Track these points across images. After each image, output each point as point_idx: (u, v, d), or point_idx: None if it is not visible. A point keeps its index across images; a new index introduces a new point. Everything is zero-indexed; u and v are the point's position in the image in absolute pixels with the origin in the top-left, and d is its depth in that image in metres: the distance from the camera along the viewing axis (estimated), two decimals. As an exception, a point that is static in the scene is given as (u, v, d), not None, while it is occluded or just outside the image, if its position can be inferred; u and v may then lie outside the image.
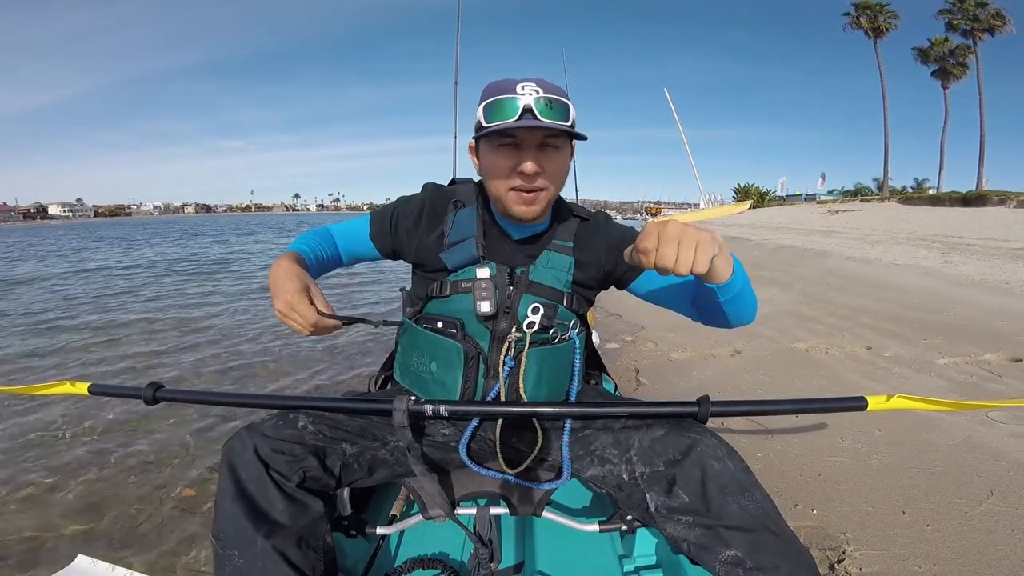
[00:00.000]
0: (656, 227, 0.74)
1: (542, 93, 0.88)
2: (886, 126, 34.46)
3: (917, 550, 1.52)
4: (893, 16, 32.20)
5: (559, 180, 0.97)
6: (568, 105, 0.90)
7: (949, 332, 3.97)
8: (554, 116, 0.87)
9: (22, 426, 2.71)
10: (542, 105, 0.87)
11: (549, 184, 0.94)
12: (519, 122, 0.86)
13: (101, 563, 0.94)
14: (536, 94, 0.87)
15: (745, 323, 0.97)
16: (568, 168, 0.99)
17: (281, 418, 0.89)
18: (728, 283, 0.84)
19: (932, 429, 2.28)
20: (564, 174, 0.98)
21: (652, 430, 0.88)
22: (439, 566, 1.06)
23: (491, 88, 0.91)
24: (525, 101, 0.86)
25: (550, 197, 0.97)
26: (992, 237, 11.58)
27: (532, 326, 0.97)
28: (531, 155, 0.90)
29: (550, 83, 0.92)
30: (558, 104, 0.88)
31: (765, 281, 6.69)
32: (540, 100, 0.87)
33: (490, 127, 0.88)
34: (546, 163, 0.92)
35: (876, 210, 21.01)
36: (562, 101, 0.89)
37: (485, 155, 0.95)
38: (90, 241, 22.75)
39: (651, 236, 0.73)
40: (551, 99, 0.88)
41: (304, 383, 3.48)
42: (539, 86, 0.89)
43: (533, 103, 0.86)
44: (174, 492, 2.08)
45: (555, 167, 0.94)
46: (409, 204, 1.07)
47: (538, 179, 0.92)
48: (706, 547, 0.78)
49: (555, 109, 0.88)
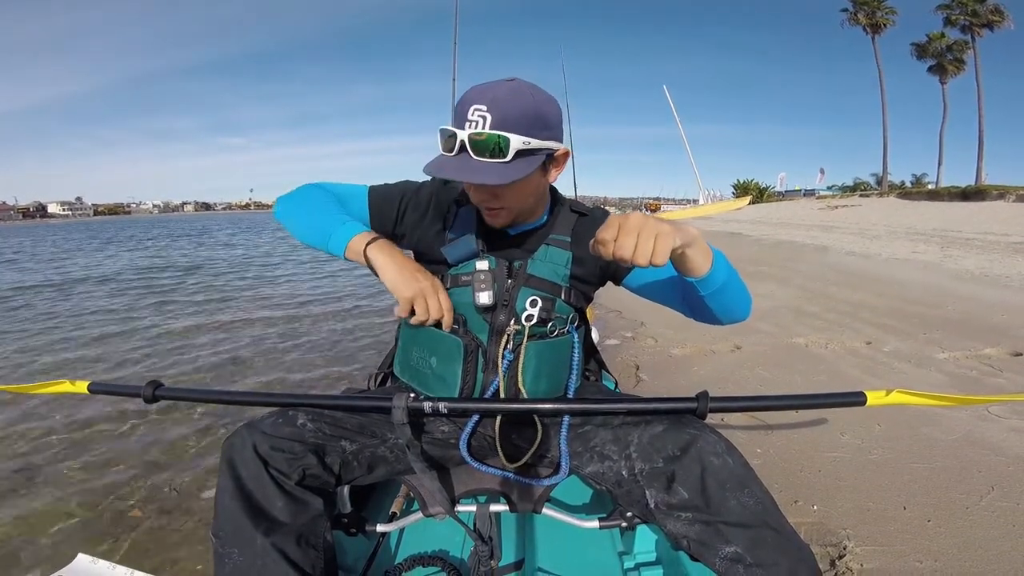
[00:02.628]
0: (618, 219, 0.74)
1: (487, 122, 0.82)
2: (885, 122, 34.48)
3: (918, 545, 1.52)
4: (891, 12, 32.17)
5: (520, 201, 0.95)
6: (507, 139, 0.82)
7: (949, 326, 3.97)
8: (490, 154, 0.83)
9: (22, 425, 2.71)
10: (475, 143, 0.83)
11: (509, 203, 0.93)
12: (447, 170, 0.86)
13: (101, 561, 0.94)
14: (479, 123, 0.82)
15: (737, 320, 0.96)
16: (534, 186, 0.95)
17: (280, 416, 0.89)
18: (707, 277, 0.83)
19: (932, 424, 2.28)
20: (527, 195, 0.95)
21: (651, 426, 0.88)
22: (439, 563, 1.07)
23: (460, 99, 0.88)
24: (461, 136, 0.84)
25: (514, 214, 0.97)
26: (991, 231, 11.58)
27: (530, 319, 0.97)
28: (474, 189, 0.91)
29: (520, 92, 0.85)
30: (492, 139, 0.82)
31: (765, 277, 6.69)
32: (476, 136, 0.83)
33: (430, 170, 0.88)
34: (499, 191, 0.90)
35: (875, 205, 21.00)
36: (500, 136, 0.82)
37: None
38: (64, 241, 21.27)
39: (611, 227, 0.73)
40: (490, 134, 0.82)
41: (304, 382, 3.48)
42: (490, 109, 0.82)
43: (467, 139, 0.83)
44: (173, 491, 2.09)
45: (510, 194, 0.91)
46: (420, 195, 1.06)
47: (493, 201, 0.92)
48: (706, 543, 0.78)
49: (489, 146, 0.83)
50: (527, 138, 0.84)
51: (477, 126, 0.83)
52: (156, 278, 9.33)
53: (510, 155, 0.83)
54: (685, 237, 0.75)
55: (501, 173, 0.83)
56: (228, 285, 8.21)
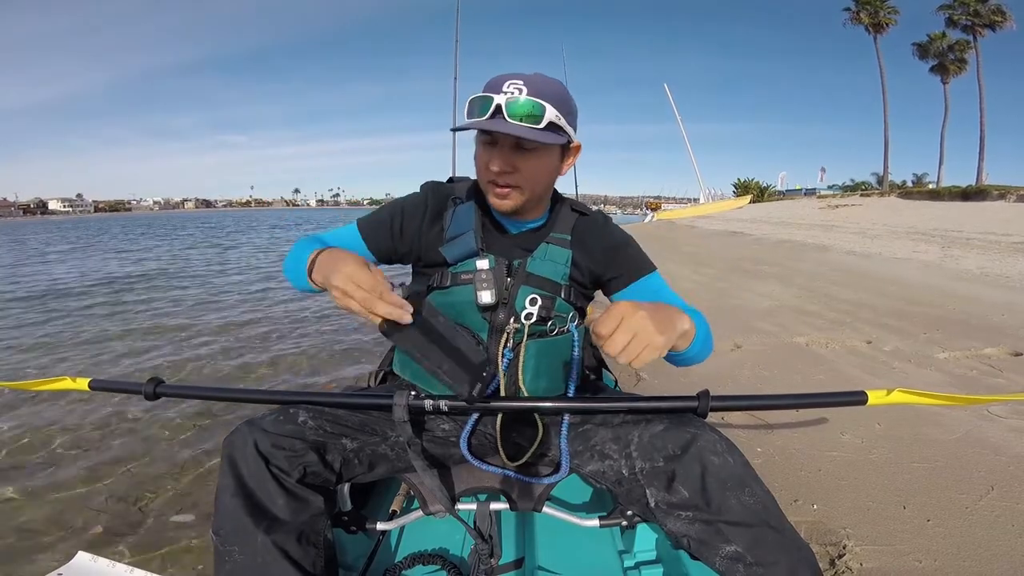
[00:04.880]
0: (622, 312, 0.74)
1: (522, 93, 0.87)
2: (886, 121, 34.44)
3: (918, 545, 1.52)
4: (893, 12, 32.10)
5: (535, 180, 0.96)
6: (544, 107, 0.87)
7: (949, 326, 3.96)
8: (526, 119, 0.86)
9: (22, 423, 2.72)
10: (513, 106, 0.86)
11: (524, 183, 0.94)
12: (481, 122, 0.88)
13: (101, 559, 0.94)
14: (515, 94, 0.87)
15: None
16: (552, 169, 0.98)
17: (281, 413, 0.89)
18: (683, 354, 0.91)
19: (932, 424, 2.28)
20: (543, 175, 0.97)
21: (652, 425, 0.88)
22: (439, 562, 1.07)
23: (487, 84, 0.91)
24: (499, 100, 0.86)
25: (526, 196, 0.96)
26: (992, 231, 11.56)
27: (530, 318, 0.98)
28: (502, 155, 0.91)
29: (548, 80, 0.90)
30: (532, 106, 0.87)
31: (765, 276, 6.69)
32: (513, 101, 0.86)
33: (462, 125, 0.90)
34: (520, 163, 0.92)
35: (876, 205, 20.96)
36: (538, 103, 0.87)
37: (476, 147, 0.97)
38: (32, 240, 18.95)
39: (611, 322, 0.74)
40: (528, 100, 0.86)
41: (304, 380, 3.48)
42: (526, 84, 0.87)
43: (504, 103, 0.86)
44: (173, 489, 2.09)
45: (531, 167, 0.93)
46: (415, 204, 1.06)
47: (508, 177, 0.92)
48: (706, 542, 0.78)
49: (527, 112, 0.86)
50: (559, 112, 0.89)
51: (514, 95, 0.87)
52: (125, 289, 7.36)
53: (543, 123, 0.88)
54: (670, 342, 0.79)
55: (533, 133, 0.87)
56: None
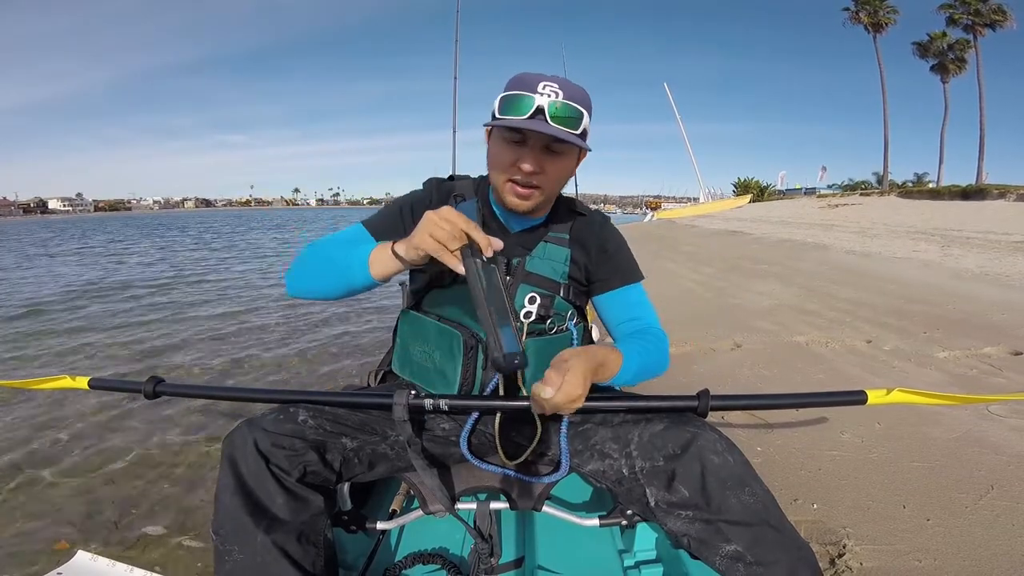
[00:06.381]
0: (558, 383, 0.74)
1: (560, 96, 0.87)
2: (886, 120, 34.42)
3: (917, 544, 1.52)
4: (893, 11, 32.09)
5: (558, 183, 0.97)
6: (582, 113, 0.88)
7: (949, 325, 3.96)
8: (566, 123, 0.87)
9: (22, 422, 2.71)
10: (555, 109, 0.86)
11: (547, 184, 0.94)
12: (525, 122, 0.86)
13: (101, 559, 0.95)
14: (554, 96, 0.86)
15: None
16: (570, 172, 0.99)
17: (281, 412, 0.89)
18: (613, 381, 0.92)
19: (932, 423, 2.28)
20: (565, 178, 0.98)
21: (652, 424, 0.88)
22: (439, 561, 1.07)
23: (514, 81, 0.90)
24: (540, 101, 0.86)
25: (546, 196, 0.97)
26: (992, 230, 11.56)
27: (529, 316, 0.98)
28: (533, 155, 0.90)
29: (575, 85, 0.90)
30: (572, 110, 0.87)
31: (765, 275, 6.69)
32: (555, 104, 0.86)
33: (500, 120, 0.88)
34: (548, 164, 0.91)
35: (876, 204, 20.96)
36: (577, 108, 0.88)
37: (494, 144, 0.95)
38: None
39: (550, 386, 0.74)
40: (567, 104, 0.87)
41: (304, 380, 3.48)
42: (561, 88, 0.88)
43: (547, 105, 0.86)
44: (173, 488, 2.09)
45: (556, 170, 0.93)
46: (421, 200, 1.06)
47: (535, 178, 0.92)
48: (706, 542, 0.79)
49: (568, 115, 0.87)
50: (588, 120, 0.90)
51: (553, 98, 0.86)
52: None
53: (580, 128, 0.89)
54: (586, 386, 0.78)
55: (574, 138, 0.88)
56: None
